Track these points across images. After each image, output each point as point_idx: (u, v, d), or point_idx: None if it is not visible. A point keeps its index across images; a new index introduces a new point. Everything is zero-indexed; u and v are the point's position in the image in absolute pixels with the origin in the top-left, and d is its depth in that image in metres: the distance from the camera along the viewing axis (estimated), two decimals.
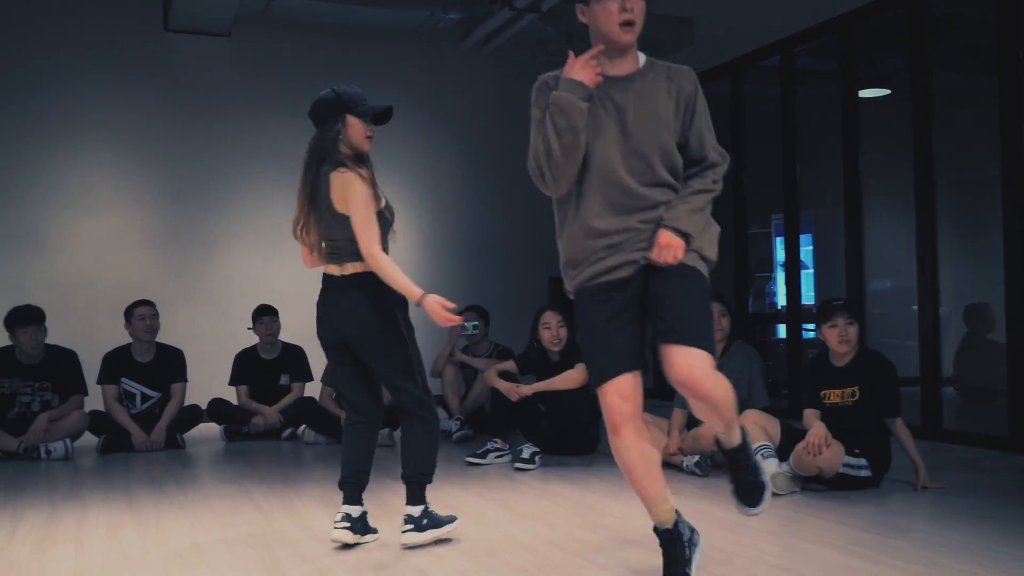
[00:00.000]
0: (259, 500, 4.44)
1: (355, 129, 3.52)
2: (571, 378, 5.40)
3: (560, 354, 5.57)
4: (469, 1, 7.90)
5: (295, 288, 7.61)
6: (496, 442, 5.44)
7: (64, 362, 6.04)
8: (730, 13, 7.93)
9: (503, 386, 5.46)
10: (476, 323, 6.63)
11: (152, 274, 7.62)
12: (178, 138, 7.84)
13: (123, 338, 6.34)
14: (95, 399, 6.19)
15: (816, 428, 4.30)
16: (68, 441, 5.82)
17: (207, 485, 4.87)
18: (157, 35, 7.76)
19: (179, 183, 7.79)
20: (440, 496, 4.43)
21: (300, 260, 3.73)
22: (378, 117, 3.57)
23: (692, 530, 2.85)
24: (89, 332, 6.98)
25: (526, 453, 5.20)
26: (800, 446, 4.31)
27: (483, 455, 5.37)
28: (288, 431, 6.58)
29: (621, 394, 2.66)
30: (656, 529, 2.81)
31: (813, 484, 4.44)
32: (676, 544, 2.75)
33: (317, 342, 3.64)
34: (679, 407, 5.17)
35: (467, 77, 8.77)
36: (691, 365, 2.57)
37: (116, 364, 6.23)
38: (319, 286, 3.63)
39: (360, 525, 3.52)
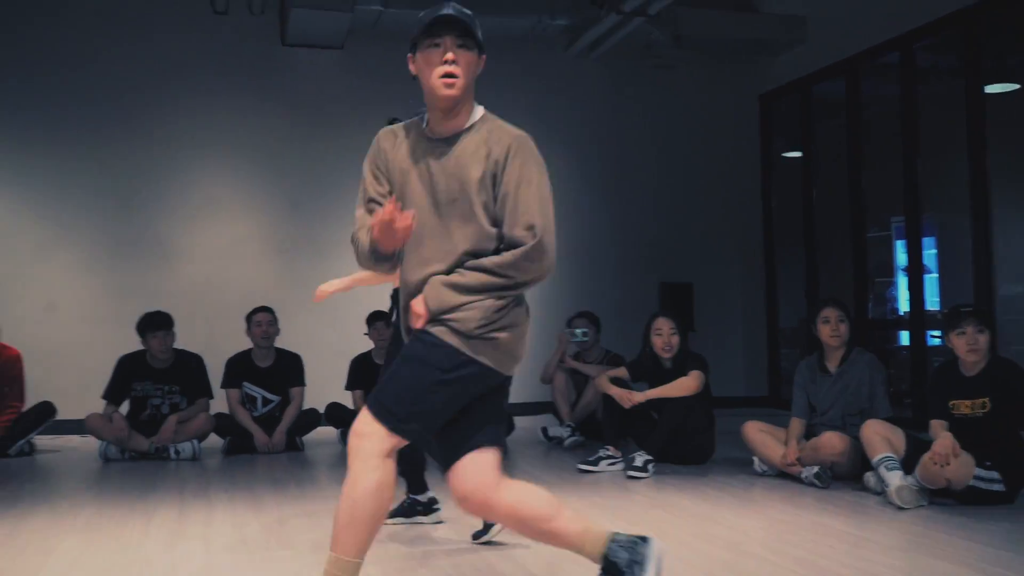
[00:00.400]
0: None
1: None
2: (685, 385, 5.33)
3: (672, 360, 5.50)
4: (576, 7, 7.89)
5: None
6: (608, 449, 5.40)
7: (191, 366, 6.29)
8: (845, 9, 7.70)
9: (615, 392, 5.42)
10: (586, 330, 6.61)
11: (272, 281, 7.87)
12: (294, 149, 8.07)
13: (245, 343, 6.56)
14: (220, 402, 6.42)
15: (943, 438, 4.13)
16: (195, 442, 6.05)
17: (326, 487, 4.98)
18: (275, 51, 8.02)
19: (295, 193, 8.02)
20: (570, 505, 4.42)
21: None
22: None
23: None
24: (213, 337, 7.24)
25: (639, 461, 5.15)
26: (926, 457, 4.15)
27: (595, 462, 5.34)
28: None
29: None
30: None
31: (942, 498, 4.26)
32: None
33: None
34: (797, 416, 5.05)
35: (574, 84, 8.76)
36: (358, 431, 2.40)
37: (238, 369, 6.45)
38: None
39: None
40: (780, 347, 8.81)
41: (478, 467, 2.42)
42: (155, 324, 6.17)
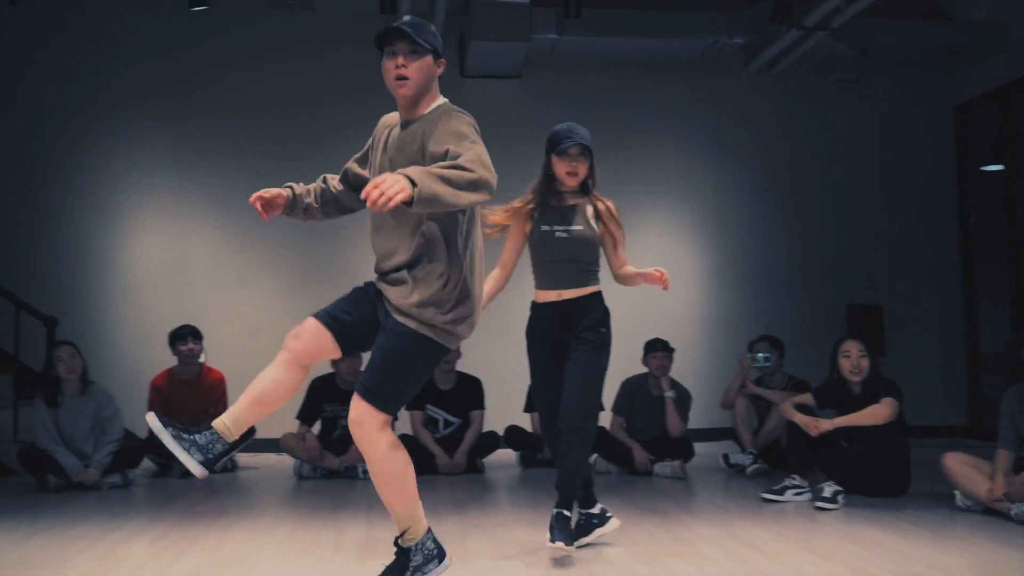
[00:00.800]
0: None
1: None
2: (877, 413, 5.06)
3: (862, 386, 5.24)
4: (754, 24, 7.72)
5: None
6: (794, 478, 5.19)
7: None
8: None
9: (801, 420, 5.21)
10: (768, 355, 6.41)
11: None
12: None
13: None
14: (404, 424, 6.61)
15: None
16: None
17: (506, 510, 5.03)
18: (454, 82, 8.25)
19: None
20: (736, 533, 4.29)
21: None
22: None
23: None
24: None
25: (828, 492, 4.91)
26: None
27: (780, 491, 5.14)
28: None
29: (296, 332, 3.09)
30: None
31: None
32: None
33: (615, 375, 3.83)
34: (1004, 448, 4.69)
35: (752, 102, 8.56)
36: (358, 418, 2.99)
37: (421, 392, 6.62)
38: (614, 319, 3.91)
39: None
40: (982, 373, 8.23)
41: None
42: None
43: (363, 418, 2.93)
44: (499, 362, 7.74)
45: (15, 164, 7.77)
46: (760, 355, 6.41)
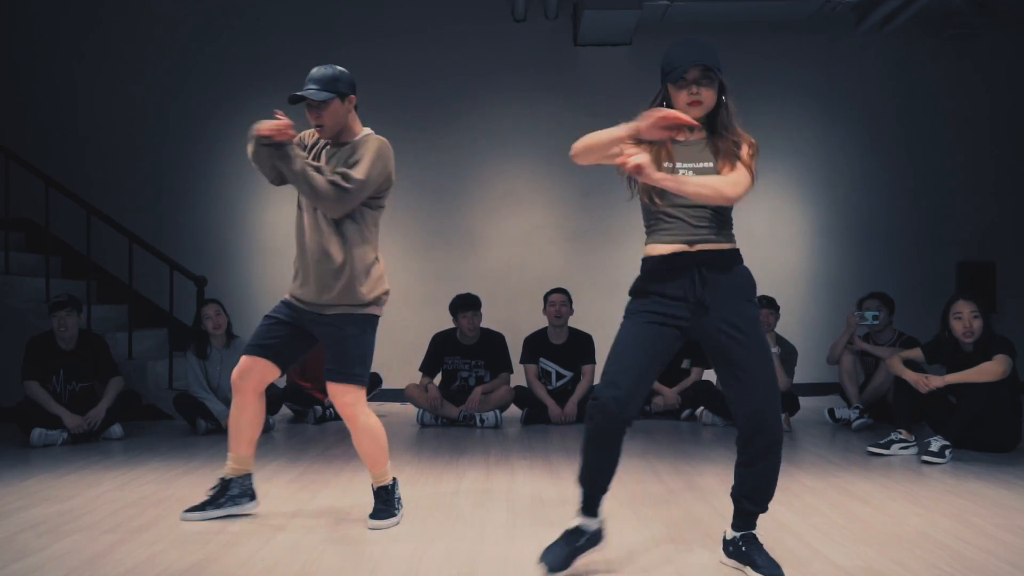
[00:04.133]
0: (662, 474, 4.51)
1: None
2: (989, 370, 4.85)
3: (974, 345, 5.01)
4: None
5: None
6: (901, 433, 5.03)
7: (495, 343, 6.61)
8: None
9: (911, 376, 5.03)
10: (877, 312, 6.19)
11: (564, 265, 8.07)
12: None
13: (542, 322, 6.79)
14: (518, 376, 6.70)
15: None
16: (497, 412, 6.35)
17: None
18: (567, 51, 8.19)
19: (586, 183, 8.14)
20: (841, 484, 4.20)
21: None
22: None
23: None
24: (513, 317, 7.57)
25: (935, 446, 4.75)
26: None
27: (887, 445, 5.00)
28: (686, 412, 6.63)
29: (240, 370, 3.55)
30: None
31: None
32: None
33: None
34: None
35: (864, 61, 8.20)
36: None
37: (535, 345, 6.69)
38: None
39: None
40: None
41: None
42: (465, 305, 6.54)
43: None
44: (609, 318, 7.74)
45: (170, 141, 8.12)
46: (868, 313, 6.20)
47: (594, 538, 2.94)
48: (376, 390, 6.96)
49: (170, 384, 6.80)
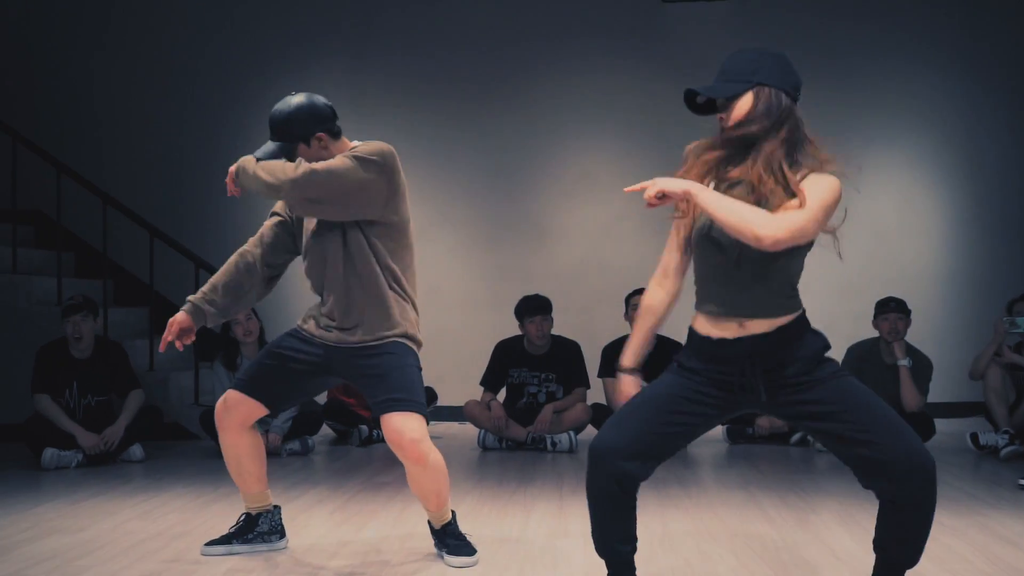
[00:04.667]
0: (768, 509, 4.46)
1: None
2: None
3: None
4: None
5: (812, 272, 7.55)
6: None
7: (569, 353, 6.60)
8: None
9: None
10: None
11: (651, 262, 7.98)
12: (676, 113, 8.14)
13: (624, 328, 6.76)
14: (597, 391, 6.68)
15: None
16: (572, 433, 6.35)
17: (711, 489, 5.01)
18: (654, 8, 8.15)
19: (676, 165, 8.08)
20: (987, 524, 4.11)
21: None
22: None
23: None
24: (590, 323, 7.55)
25: None
26: None
27: None
28: (796, 436, 6.54)
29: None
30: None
31: None
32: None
33: (841, 339, 3.57)
34: None
35: (1019, 18, 7.98)
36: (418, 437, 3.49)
37: (616, 356, 6.64)
38: (839, 274, 3.59)
39: None
40: None
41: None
42: (533, 308, 6.55)
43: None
44: None
45: (193, 127, 8.30)
46: (1021, 319, 6.06)
47: None
48: (430, 407, 7.01)
49: (196, 399, 6.96)
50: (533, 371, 6.61)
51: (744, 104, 2.65)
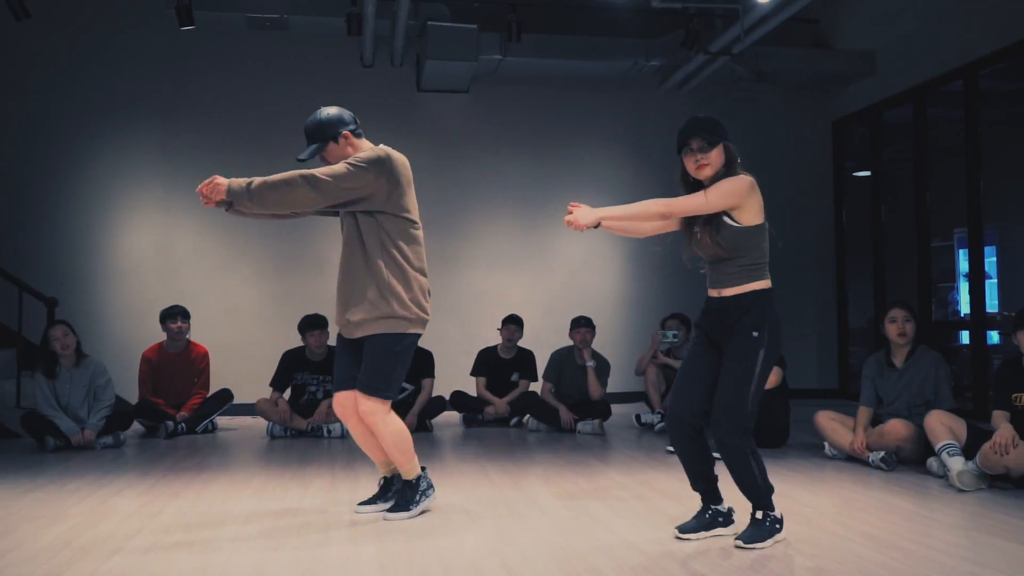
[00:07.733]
0: (493, 476, 4.56)
1: None
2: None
3: None
4: (668, 50, 7.80)
5: (524, 299, 7.78)
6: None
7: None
8: (911, 43, 7.38)
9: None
10: (676, 331, 6.50)
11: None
12: (427, 179, 8.21)
13: None
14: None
15: (1004, 429, 3.90)
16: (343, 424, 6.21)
17: (451, 463, 5.06)
18: (412, 96, 8.19)
19: (427, 215, 8.14)
20: (645, 480, 4.36)
21: (527, 276, 3.84)
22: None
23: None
24: None
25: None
26: (987, 445, 3.93)
27: None
28: (515, 419, 6.73)
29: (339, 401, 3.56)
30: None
31: (1001, 483, 4.01)
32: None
33: (545, 347, 3.72)
34: (865, 405, 4.85)
35: (666, 116, 8.61)
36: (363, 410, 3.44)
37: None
38: (544, 299, 3.73)
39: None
40: (850, 345, 8.48)
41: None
42: (312, 324, 6.38)
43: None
44: (446, 336, 7.77)
45: (20, 163, 7.52)
46: (670, 332, 6.50)
47: (723, 518, 3.18)
48: (227, 405, 6.68)
49: (18, 403, 6.27)
50: (313, 374, 6.42)
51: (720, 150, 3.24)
